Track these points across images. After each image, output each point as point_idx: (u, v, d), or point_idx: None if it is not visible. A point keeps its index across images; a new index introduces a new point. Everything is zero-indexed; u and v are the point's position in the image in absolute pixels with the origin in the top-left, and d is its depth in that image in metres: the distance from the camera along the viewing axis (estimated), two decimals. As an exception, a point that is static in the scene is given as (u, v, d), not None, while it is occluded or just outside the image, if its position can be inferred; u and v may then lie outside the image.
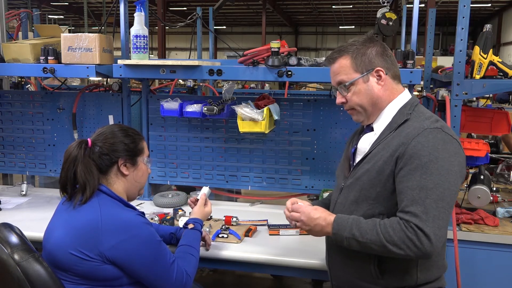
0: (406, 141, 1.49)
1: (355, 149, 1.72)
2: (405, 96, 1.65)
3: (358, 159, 1.68)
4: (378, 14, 2.41)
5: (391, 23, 2.37)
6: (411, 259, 1.50)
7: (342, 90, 1.64)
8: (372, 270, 1.57)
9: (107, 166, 1.70)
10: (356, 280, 1.63)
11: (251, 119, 2.44)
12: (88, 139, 1.70)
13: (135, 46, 2.45)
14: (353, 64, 1.60)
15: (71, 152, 1.65)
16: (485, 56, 2.20)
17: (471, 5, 2.18)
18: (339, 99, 1.68)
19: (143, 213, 1.73)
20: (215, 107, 2.48)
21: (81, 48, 2.49)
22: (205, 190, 2.14)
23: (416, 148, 1.47)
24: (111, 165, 1.70)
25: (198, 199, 2.11)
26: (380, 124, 1.64)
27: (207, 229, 2.26)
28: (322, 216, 1.59)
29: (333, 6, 20.84)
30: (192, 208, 2.10)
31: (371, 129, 1.67)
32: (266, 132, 2.49)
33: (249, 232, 2.28)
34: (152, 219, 2.38)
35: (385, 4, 2.40)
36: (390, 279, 1.57)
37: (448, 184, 1.44)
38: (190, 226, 1.94)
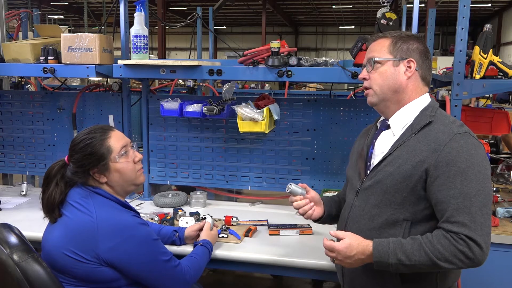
0: (438, 148, 1.45)
1: (373, 149, 1.66)
2: (426, 98, 1.62)
3: (375, 160, 1.62)
4: (378, 14, 2.40)
5: (391, 23, 2.37)
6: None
7: (369, 65, 1.62)
8: (394, 277, 1.53)
9: (84, 177, 1.68)
10: (374, 286, 1.59)
11: (251, 119, 2.44)
12: (66, 158, 1.72)
13: (135, 46, 2.45)
14: (390, 47, 1.59)
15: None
16: (485, 56, 2.20)
17: (471, 5, 2.18)
18: (362, 74, 1.65)
19: (138, 213, 1.73)
20: (215, 107, 2.48)
21: (81, 48, 2.49)
22: (209, 220, 2.18)
23: (452, 155, 1.43)
24: (87, 176, 1.68)
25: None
26: (398, 122, 1.60)
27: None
28: (359, 250, 1.49)
29: (333, 6, 20.84)
30: (194, 236, 2.11)
31: (387, 127, 1.64)
32: (266, 132, 2.49)
33: (249, 232, 2.28)
34: (152, 219, 2.38)
35: (385, 4, 2.40)
36: (410, 286, 1.54)
37: (487, 189, 1.43)
38: (200, 244, 1.96)
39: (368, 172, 1.62)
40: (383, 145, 1.62)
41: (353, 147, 1.83)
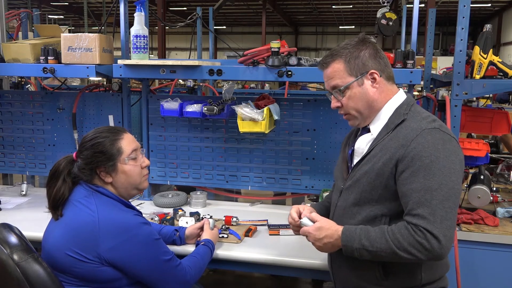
0: (405, 143, 1.48)
1: (352, 151, 1.70)
2: (400, 96, 1.64)
3: (355, 160, 1.66)
4: (378, 14, 2.41)
5: (391, 23, 2.37)
6: (423, 262, 1.49)
7: (337, 95, 1.63)
8: (377, 272, 1.56)
9: (90, 175, 1.68)
10: (360, 282, 1.62)
11: (251, 119, 2.44)
12: (74, 154, 1.72)
13: (135, 46, 2.45)
14: (347, 68, 1.59)
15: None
16: (485, 56, 2.20)
17: (471, 5, 2.18)
18: (334, 103, 1.67)
19: (140, 213, 1.73)
20: (215, 107, 2.48)
21: (81, 48, 2.49)
22: (210, 220, 2.18)
23: (417, 150, 1.46)
24: (94, 174, 1.69)
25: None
26: (377, 125, 1.63)
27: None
28: (328, 234, 1.57)
29: (333, 6, 20.85)
30: (195, 235, 2.11)
31: (368, 130, 1.66)
32: (266, 132, 2.49)
33: (249, 232, 2.28)
34: (152, 219, 2.38)
35: (385, 4, 2.40)
36: (394, 280, 1.56)
37: (452, 183, 1.44)
38: (202, 243, 1.96)
39: (350, 172, 1.67)
40: (363, 145, 1.65)
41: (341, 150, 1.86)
